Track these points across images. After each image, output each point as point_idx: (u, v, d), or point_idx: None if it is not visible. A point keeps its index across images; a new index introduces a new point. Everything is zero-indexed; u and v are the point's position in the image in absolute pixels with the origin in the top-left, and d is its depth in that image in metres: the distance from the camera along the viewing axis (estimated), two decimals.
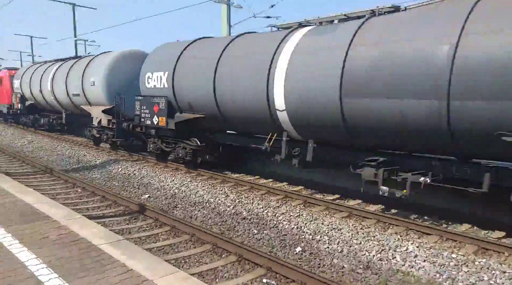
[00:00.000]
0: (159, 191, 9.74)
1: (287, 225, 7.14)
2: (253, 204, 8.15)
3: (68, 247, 4.13)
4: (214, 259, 5.72)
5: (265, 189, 9.06)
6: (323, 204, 7.98)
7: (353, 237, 6.41)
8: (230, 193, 8.88)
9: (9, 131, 21.43)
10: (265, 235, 6.86)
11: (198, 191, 9.27)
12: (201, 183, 9.81)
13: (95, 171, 12.06)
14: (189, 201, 8.83)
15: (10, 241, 4.21)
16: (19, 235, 4.42)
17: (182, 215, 8.02)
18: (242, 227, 7.27)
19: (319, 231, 6.75)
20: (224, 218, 7.77)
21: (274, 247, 6.35)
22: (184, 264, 5.55)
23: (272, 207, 7.93)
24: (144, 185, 10.31)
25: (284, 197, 8.53)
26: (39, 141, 17.61)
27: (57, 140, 17.68)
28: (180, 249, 6.11)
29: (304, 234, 6.75)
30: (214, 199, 8.72)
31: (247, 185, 9.54)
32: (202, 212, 8.17)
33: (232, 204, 8.31)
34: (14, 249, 4.01)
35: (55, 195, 8.95)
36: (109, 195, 8.83)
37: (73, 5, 30.21)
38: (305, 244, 6.43)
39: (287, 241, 6.56)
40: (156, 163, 12.29)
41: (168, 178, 10.48)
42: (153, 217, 7.41)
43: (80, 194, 9.24)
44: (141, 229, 6.99)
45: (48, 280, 3.38)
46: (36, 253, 3.93)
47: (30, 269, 3.56)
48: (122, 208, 8.13)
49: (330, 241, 6.41)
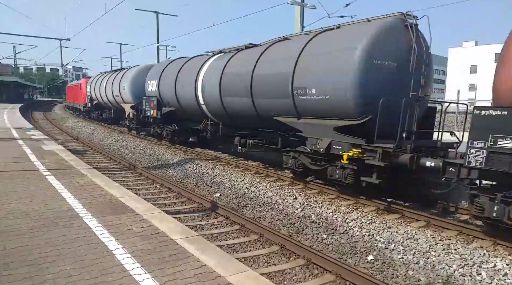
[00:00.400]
0: (230, 189, 10.07)
1: (358, 231, 6.91)
2: (322, 208, 8.03)
3: (149, 240, 4.47)
4: (282, 261, 5.76)
5: (335, 194, 8.87)
6: (398, 211, 7.57)
7: (431, 249, 5.98)
8: (298, 195, 8.85)
9: (90, 127, 23.88)
10: (335, 240, 6.72)
11: (267, 192, 9.40)
12: (270, 184, 9.93)
13: (172, 168, 12.87)
14: (258, 201, 8.99)
15: (101, 231, 4.69)
16: (108, 225, 4.90)
17: (251, 215, 8.20)
18: (310, 230, 7.21)
19: (393, 239, 6.43)
20: (292, 220, 7.77)
21: (344, 254, 6.19)
22: (253, 263, 5.67)
23: (342, 212, 7.73)
24: (216, 183, 10.75)
25: (355, 202, 8.27)
26: (124, 140, 19.31)
27: (139, 139, 19.23)
28: (249, 248, 6.25)
29: (377, 242, 6.47)
30: (282, 200, 8.77)
31: (316, 188, 9.43)
32: (270, 213, 8.26)
33: (301, 207, 8.27)
34: (104, 238, 4.46)
35: (137, 190, 9.74)
36: (184, 192, 9.36)
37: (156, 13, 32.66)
38: (378, 253, 6.16)
39: (358, 248, 6.35)
40: (228, 162, 12.75)
41: (238, 177, 10.80)
42: (224, 215, 7.68)
43: (159, 190, 9.93)
44: (213, 226, 7.30)
45: (132, 269, 3.70)
46: (122, 243, 4.32)
47: (117, 258, 3.93)
48: (195, 205, 8.56)
49: (405, 251, 6.07)
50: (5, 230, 4.56)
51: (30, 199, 5.94)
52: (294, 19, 16.89)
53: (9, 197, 6.01)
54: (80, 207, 5.64)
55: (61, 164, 9.19)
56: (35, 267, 3.63)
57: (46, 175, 7.74)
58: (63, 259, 3.83)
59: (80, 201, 5.94)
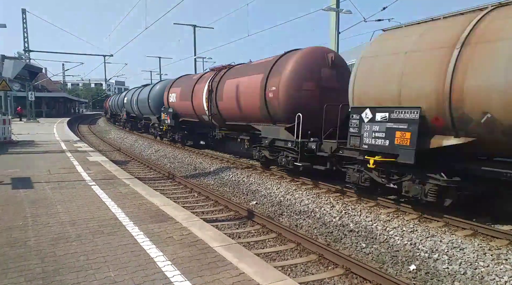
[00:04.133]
0: (266, 198, 10.09)
1: (399, 240, 6.68)
2: (361, 216, 7.85)
3: (189, 247, 4.58)
4: (321, 270, 5.68)
5: (374, 201, 8.64)
6: (442, 219, 7.24)
7: (479, 259, 5.66)
8: (336, 203, 8.71)
9: (131, 139, 24.84)
10: (375, 249, 6.54)
11: (303, 200, 9.33)
12: (306, 191, 9.85)
13: (210, 177, 13.11)
14: (294, 209, 8.94)
15: (143, 239, 4.87)
16: (149, 233, 5.08)
17: (288, 223, 8.16)
18: (349, 239, 7.06)
19: (437, 249, 6.15)
20: (330, 228, 7.65)
21: (385, 263, 6.00)
22: (290, 272, 5.64)
23: (382, 220, 7.51)
24: (252, 191, 10.81)
25: (396, 210, 8.01)
26: (163, 150, 19.93)
27: (178, 149, 19.77)
28: (286, 257, 6.23)
29: (419, 251, 6.22)
30: (319, 208, 8.66)
31: (354, 196, 9.23)
32: (307, 221, 8.19)
33: (338, 215, 8.13)
34: (145, 246, 4.63)
35: (176, 198, 10.01)
36: (221, 200, 9.51)
37: (194, 26, 33.72)
38: (420, 262, 5.92)
39: (399, 258, 6.14)
40: (263, 170, 12.79)
41: (274, 185, 10.80)
42: (261, 223, 7.71)
43: (197, 198, 10.14)
44: (250, 234, 7.34)
45: (173, 276, 3.80)
46: (163, 251, 4.46)
47: (158, 265, 4.06)
48: (232, 213, 8.66)
49: (450, 261, 5.79)
50: (56, 237, 4.85)
51: (77, 208, 6.28)
52: (329, 25, 16.79)
53: (59, 206, 6.39)
54: (123, 215, 5.89)
55: (105, 174, 9.65)
56: (83, 273, 3.83)
57: (92, 185, 8.15)
58: (108, 266, 4.02)
59: (123, 210, 6.20)
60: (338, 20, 16.54)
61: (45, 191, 7.52)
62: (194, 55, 33.95)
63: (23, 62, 21.11)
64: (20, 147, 15.70)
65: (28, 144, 17.01)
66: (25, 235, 4.93)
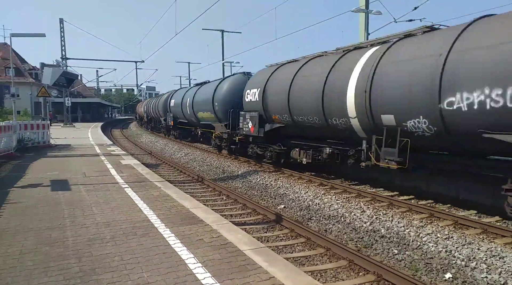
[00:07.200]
0: (294, 201, 10.03)
1: (434, 247, 6.45)
2: (393, 222, 7.65)
3: (219, 250, 4.63)
4: (351, 276, 5.57)
5: (406, 206, 8.40)
6: (480, 226, 6.94)
7: None
8: (366, 208, 8.53)
9: (161, 142, 25.39)
10: (407, 256, 6.35)
11: (332, 204, 9.20)
12: (335, 196, 9.71)
13: (238, 180, 13.20)
14: (323, 214, 8.83)
15: (174, 241, 4.96)
16: (180, 235, 5.18)
17: (317, 228, 8.07)
18: (380, 245, 6.89)
19: (475, 257, 5.89)
20: (361, 234, 7.50)
21: (418, 271, 5.81)
22: (320, 277, 5.57)
23: (415, 226, 7.29)
24: (280, 195, 10.78)
25: (429, 215, 7.75)
26: (192, 154, 20.27)
27: (207, 153, 20.04)
28: (315, 262, 6.15)
29: (455, 259, 5.98)
30: (349, 213, 8.52)
31: (385, 200, 9.01)
32: (336, 226, 8.06)
33: (369, 220, 7.96)
34: (177, 247, 4.71)
35: (205, 201, 10.13)
36: (249, 203, 9.53)
37: (221, 31, 34.22)
38: (457, 271, 5.69)
39: (433, 265, 5.93)
40: (290, 174, 12.72)
41: (302, 189, 10.72)
42: (289, 228, 7.66)
43: (225, 201, 10.23)
44: (278, 238, 7.31)
45: (204, 278, 3.85)
46: (194, 253, 4.53)
47: (189, 267, 4.13)
48: (260, 217, 8.66)
49: (489, 269, 5.52)
50: (92, 238, 5.04)
51: (111, 209, 6.50)
52: (359, 27, 16.56)
53: (94, 207, 6.63)
54: (154, 217, 6.04)
55: (137, 177, 9.92)
56: (118, 274, 3.95)
57: (125, 187, 8.40)
58: (141, 267, 4.12)
59: (154, 212, 6.35)
60: (367, 21, 16.29)
61: (81, 193, 7.82)
62: (222, 60, 34.38)
63: (61, 69, 22.12)
64: (57, 150, 16.45)
65: (65, 147, 17.78)
66: (64, 235, 5.15)
